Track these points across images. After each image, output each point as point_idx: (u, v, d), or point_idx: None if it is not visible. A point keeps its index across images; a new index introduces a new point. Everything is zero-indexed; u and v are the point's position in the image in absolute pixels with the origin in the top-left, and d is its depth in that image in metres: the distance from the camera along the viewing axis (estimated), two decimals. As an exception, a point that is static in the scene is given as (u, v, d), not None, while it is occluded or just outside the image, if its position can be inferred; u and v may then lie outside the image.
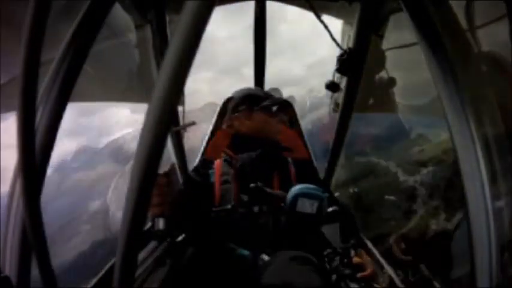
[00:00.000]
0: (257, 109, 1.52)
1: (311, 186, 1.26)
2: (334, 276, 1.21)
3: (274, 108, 1.60)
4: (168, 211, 1.16)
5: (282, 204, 1.26)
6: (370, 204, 3.28)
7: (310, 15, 1.22)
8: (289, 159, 1.60)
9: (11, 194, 0.85)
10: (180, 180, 1.79)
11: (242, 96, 1.65)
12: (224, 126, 1.79)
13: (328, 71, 1.57)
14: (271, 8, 2.11)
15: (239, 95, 1.69)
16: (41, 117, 0.84)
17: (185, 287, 1.21)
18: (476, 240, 0.78)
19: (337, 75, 1.62)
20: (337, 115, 1.71)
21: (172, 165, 1.17)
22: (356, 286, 1.20)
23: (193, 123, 1.91)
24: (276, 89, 2.49)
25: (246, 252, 1.25)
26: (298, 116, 2.52)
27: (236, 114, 1.61)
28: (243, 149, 1.51)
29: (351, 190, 3.11)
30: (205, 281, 1.18)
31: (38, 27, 0.53)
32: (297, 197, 1.23)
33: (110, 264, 1.27)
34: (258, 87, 1.70)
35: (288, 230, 1.30)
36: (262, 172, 1.44)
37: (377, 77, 1.82)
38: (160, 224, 1.17)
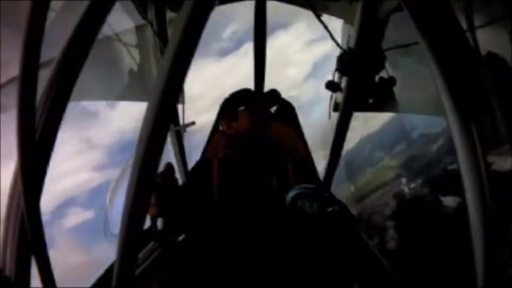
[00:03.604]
0: (241, 110, 1.52)
1: (311, 186, 1.26)
2: None
3: (260, 105, 1.57)
4: (164, 211, 1.16)
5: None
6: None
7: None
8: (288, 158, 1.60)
9: (11, 194, 0.85)
10: (179, 179, 1.79)
11: (230, 98, 1.65)
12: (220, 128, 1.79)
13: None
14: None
15: (227, 97, 1.68)
16: (40, 117, 0.83)
17: (185, 287, 1.21)
18: (476, 240, 0.78)
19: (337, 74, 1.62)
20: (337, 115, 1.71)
21: (168, 165, 1.16)
22: None
23: (192, 123, 1.91)
24: (274, 90, 2.47)
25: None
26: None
27: (223, 117, 1.61)
28: (240, 148, 1.52)
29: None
30: (205, 279, 1.18)
31: (38, 28, 0.53)
32: (296, 197, 1.23)
33: (110, 264, 1.27)
34: (246, 88, 1.69)
35: (287, 230, 1.30)
36: (259, 171, 1.45)
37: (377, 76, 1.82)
38: (159, 224, 1.17)
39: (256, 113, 1.50)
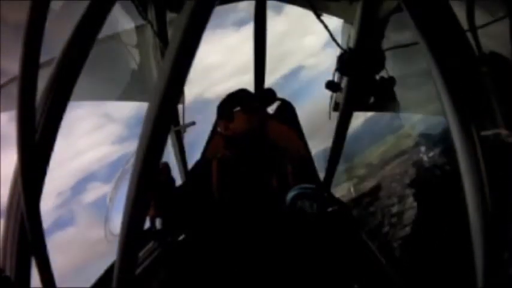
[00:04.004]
0: (237, 110, 1.52)
1: (311, 186, 1.26)
2: None
3: (255, 105, 1.57)
4: (161, 212, 1.16)
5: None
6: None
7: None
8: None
9: (11, 194, 0.85)
10: (180, 179, 1.80)
11: (226, 99, 1.64)
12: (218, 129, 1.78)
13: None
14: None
15: (224, 98, 1.67)
16: (40, 117, 0.83)
17: (185, 287, 1.21)
18: (476, 240, 0.78)
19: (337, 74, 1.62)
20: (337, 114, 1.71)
21: (164, 165, 1.16)
22: None
23: (193, 123, 1.91)
24: (270, 89, 2.48)
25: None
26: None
27: (221, 118, 1.61)
28: (238, 149, 1.52)
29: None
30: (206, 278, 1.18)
31: (38, 28, 0.53)
32: (296, 197, 1.23)
33: (110, 264, 1.27)
34: (243, 88, 1.69)
35: (287, 230, 1.30)
36: (258, 171, 1.45)
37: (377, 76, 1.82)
38: (157, 224, 1.18)
39: (252, 113, 1.50)
